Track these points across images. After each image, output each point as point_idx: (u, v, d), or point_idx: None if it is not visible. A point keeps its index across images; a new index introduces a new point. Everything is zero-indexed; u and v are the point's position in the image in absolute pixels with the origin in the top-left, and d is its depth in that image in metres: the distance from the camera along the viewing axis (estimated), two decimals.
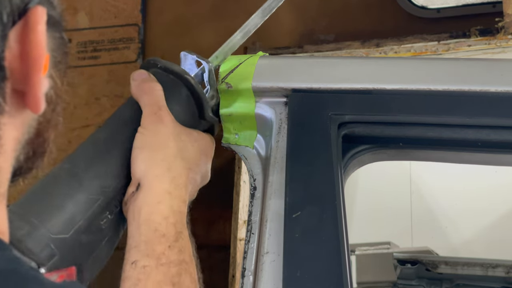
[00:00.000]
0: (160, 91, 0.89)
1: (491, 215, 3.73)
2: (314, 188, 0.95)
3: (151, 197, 0.83)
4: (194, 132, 0.91)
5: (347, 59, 1.59)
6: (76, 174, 0.84)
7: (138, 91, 0.90)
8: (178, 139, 0.87)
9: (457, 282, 2.54)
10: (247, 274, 0.94)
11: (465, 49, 2.41)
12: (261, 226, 0.96)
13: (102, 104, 2.98)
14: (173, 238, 0.81)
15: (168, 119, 0.88)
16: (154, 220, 0.82)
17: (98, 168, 0.85)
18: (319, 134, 0.98)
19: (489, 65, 1.08)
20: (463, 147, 1.03)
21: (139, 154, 0.85)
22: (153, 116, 0.87)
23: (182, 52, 0.98)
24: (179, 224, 0.83)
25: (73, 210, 0.81)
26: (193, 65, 0.97)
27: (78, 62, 3.03)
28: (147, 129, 0.87)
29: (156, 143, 0.86)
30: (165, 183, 0.84)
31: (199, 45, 2.84)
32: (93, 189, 0.84)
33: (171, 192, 0.84)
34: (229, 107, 1.03)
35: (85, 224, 0.81)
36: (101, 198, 0.84)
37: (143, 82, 0.90)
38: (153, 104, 0.88)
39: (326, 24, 2.77)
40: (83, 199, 0.82)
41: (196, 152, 0.89)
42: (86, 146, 0.89)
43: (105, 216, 0.84)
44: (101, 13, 3.06)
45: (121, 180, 0.86)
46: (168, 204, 0.83)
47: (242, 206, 2.50)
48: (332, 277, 0.88)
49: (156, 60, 0.94)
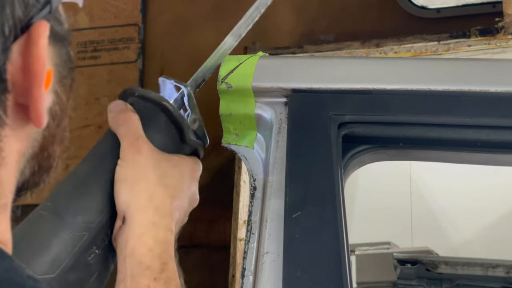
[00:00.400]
0: (136, 121, 0.88)
1: (491, 215, 3.73)
2: (314, 188, 0.95)
3: (136, 230, 0.83)
4: (175, 157, 0.90)
5: (347, 59, 1.59)
6: (57, 211, 0.83)
7: (114, 123, 0.89)
8: (158, 167, 0.87)
9: (457, 282, 2.54)
10: (247, 274, 0.94)
11: (465, 49, 2.41)
12: (261, 226, 0.96)
13: (102, 104, 2.98)
14: (158, 270, 0.81)
15: (146, 148, 0.87)
16: (139, 252, 0.81)
17: (81, 204, 0.84)
18: (319, 134, 0.98)
19: (489, 65, 1.08)
20: (463, 147, 1.03)
21: (120, 187, 0.85)
22: (130, 147, 0.86)
23: (160, 78, 0.97)
24: (164, 255, 0.82)
25: (58, 249, 0.80)
26: (172, 90, 0.95)
27: (78, 62, 3.03)
28: (125, 161, 0.86)
29: (136, 174, 0.85)
30: (149, 214, 0.83)
31: (199, 45, 2.84)
32: (77, 226, 0.82)
33: (155, 223, 0.83)
34: (229, 107, 1.03)
35: (71, 262, 0.81)
36: (86, 234, 0.82)
37: (119, 113, 0.89)
38: (130, 134, 0.87)
39: (326, 24, 2.77)
40: (67, 237, 0.81)
41: (178, 177, 0.88)
42: (67, 182, 0.88)
43: (92, 252, 0.83)
44: (101, 13, 3.06)
45: (105, 213, 0.85)
46: (152, 235, 0.82)
47: (242, 206, 2.50)
48: (332, 277, 0.88)
49: (132, 89, 0.93)
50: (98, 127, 2.96)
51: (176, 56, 2.92)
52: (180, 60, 2.90)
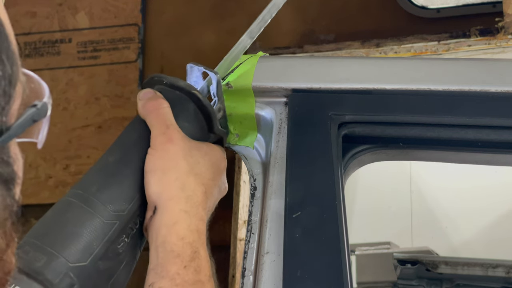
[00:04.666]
0: (167, 109, 0.88)
1: (491, 215, 3.73)
2: (314, 188, 0.95)
3: (167, 219, 0.82)
4: (204, 146, 0.90)
5: (347, 59, 1.59)
6: (89, 199, 0.83)
7: (144, 110, 0.89)
8: (189, 155, 0.86)
9: (457, 282, 2.54)
10: (247, 274, 0.94)
11: (465, 49, 2.42)
12: (261, 226, 0.96)
13: (102, 104, 2.98)
14: (189, 258, 0.81)
15: (177, 137, 0.86)
16: (170, 241, 0.81)
17: (111, 192, 0.84)
18: (319, 134, 0.98)
19: (489, 65, 1.08)
20: (463, 147, 1.03)
21: (151, 178, 0.84)
22: (161, 136, 0.86)
23: (189, 64, 0.97)
24: (196, 243, 0.82)
25: (89, 237, 0.80)
26: (199, 77, 0.95)
27: (78, 62, 3.03)
28: (156, 150, 0.86)
29: (167, 164, 0.85)
30: (181, 203, 0.83)
31: (199, 45, 2.84)
32: (108, 214, 0.82)
33: (187, 211, 0.83)
34: (229, 107, 1.03)
35: (102, 250, 0.81)
36: (117, 223, 0.83)
37: (149, 100, 0.89)
38: (160, 123, 0.87)
39: (326, 24, 2.77)
40: (98, 225, 0.81)
41: (208, 166, 0.88)
42: (96, 170, 0.88)
43: (122, 240, 0.83)
44: (101, 13, 3.06)
45: (135, 202, 0.85)
46: (184, 224, 0.82)
47: (242, 206, 2.50)
48: (332, 277, 0.88)
49: (161, 76, 0.92)
50: (98, 127, 2.95)
51: (176, 56, 2.92)
52: (180, 60, 2.89)
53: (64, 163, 2.95)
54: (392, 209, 3.84)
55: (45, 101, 0.56)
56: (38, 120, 0.55)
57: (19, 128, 0.53)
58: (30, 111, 0.54)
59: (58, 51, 3.06)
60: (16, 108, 0.54)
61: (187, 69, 0.97)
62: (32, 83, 0.56)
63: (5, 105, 0.52)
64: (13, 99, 0.53)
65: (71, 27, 3.07)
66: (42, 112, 0.55)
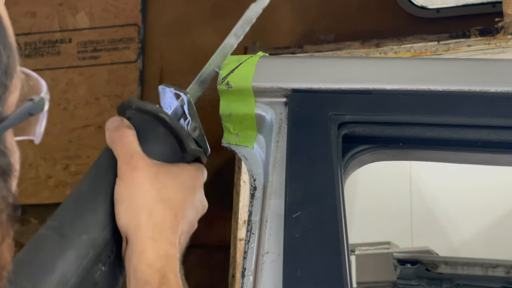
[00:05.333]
0: (130, 137, 0.88)
1: (491, 214, 3.73)
2: (314, 188, 0.95)
3: (136, 248, 0.83)
4: (174, 168, 0.89)
5: (347, 59, 1.59)
6: (62, 231, 0.83)
7: (110, 141, 0.89)
8: (156, 181, 0.86)
9: (457, 282, 2.54)
10: (247, 274, 0.94)
11: (465, 49, 2.42)
12: (261, 226, 0.96)
13: (102, 104, 2.98)
14: (157, 284, 0.81)
15: (142, 165, 0.86)
16: (140, 269, 0.82)
17: (84, 222, 0.84)
18: (319, 134, 0.98)
19: (489, 65, 1.08)
20: (463, 147, 1.03)
21: (119, 208, 0.85)
22: (126, 166, 0.86)
23: (160, 86, 0.96)
24: (164, 268, 0.82)
25: (63, 269, 0.80)
26: (172, 98, 0.95)
27: (78, 62, 3.04)
28: (122, 180, 0.86)
29: (133, 193, 0.85)
30: (148, 231, 0.83)
31: (199, 45, 2.84)
32: (82, 244, 0.82)
33: (155, 238, 0.83)
34: (229, 107, 1.03)
35: (78, 280, 0.81)
36: (91, 252, 0.83)
37: (114, 131, 0.89)
38: (125, 153, 0.87)
39: (326, 24, 2.78)
40: (72, 256, 0.81)
41: (179, 188, 0.88)
42: (70, 200, 0.88)
43: (98, 269, 0.83)
44: (101, 13, 3.06)
45: (109, 230, 0.85)
46: (152, 251, 0.83)
47: (242, 206, 2.50)
48: (332, 277, 0.88)
49: (130, 101, 0.92)
50: (98, 127, 2.96)
51: (176, 56, 2.92)
52: (180, 60, 2.90)
53: (64, 163, 2.95)
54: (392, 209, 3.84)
55: (42, 96, 0.57)
56: (34, 113, 0.56)
57: (15, 119, 0.54)
58: (27, 104, 0.55)
59: (58, 51, 3.06)
60: (13, 101, 0.55)
61: (159, 91, 0.96)
62: (30, 81, 0.57)
63: (1, 95, 0.53)
64: (10, 91, 0.54)
65: (71, 27, 3.08)
66: (39, 106, 0.56)
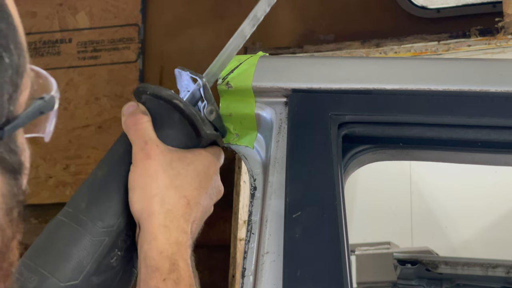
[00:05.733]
0: (146, 123, 0.89)
1: (491, 215, 3.73)
2: (314, 188, 0.95)
3: (148, 235, 0.84)
4: (189, 154, 0.90)
5: (347, 59, 1.59)
6: (77, 217, 0.84)
7: (125, 126, 0.90)
8: (169, 168, 0.87)
9: (457, 282, 2.54)
10: (247, 274, 0.94)
11: (465, 49, 2.42)
12: (261, 226, 0.96)
13: (102, 104, 2.98)
14: (167, 271, 0.82)
15: (156, 152, 0.87)
16: (150, 256, 0.83)
17: (99, 208, 0.85)
18: (319, 134, 0.98)
19: (489, 65, 1.08)
20: (463, 147, 1.03)
21: (133, 195, 0.86)
22: (140, 153, 0.87)
23: (176, 69, 0.96)
24: (175, 255, 0.83)
25: (79, 255, 0.82)
26: (189, 81, 0.95)
27: (78, 62, 3.04)
28: (137, 167, 0.87)
29: (147, 180, 0.86)
30: (160, 218, 0.84)
31: (199, 45, 2.84)
32: (97, 231, 0.84)
33: (167, 225, 0.84)
34: (229, 107, 1.03)
35: (94, 266, 0.82)
36: (107, 238, 0.84)
37: (129, 116, 0.90)
38: (139, 139, 0.87)
39: (326, 24, 2.78)
40: (88, 243, 0.83)
41: (192, 175, 0.88)
42: (85, 187, 0.89)
43: (114, 254, 0.84)
44: (101, 13, 3.06)
45: (124, 216, 0.86)
46: (163, 238, 0.83)
47: (242, 206, 2.50)
48: (332, 277, 0.88)
49: (145, 87, 0.92)
50: (98, 127, 2.96)
51: (176, 56, 2.92)
52: (180, 60, 2.89)
53: (64, 163, 2.95)
54: (392, 209, 3.84)
55: (53, 95, 0.57)
56: (45, 112, 0.56)
57: (26, 118, 0.55)
58: (38, 102, 0.56)
59: (58, 51, 3.06)
60: (24, 100, 0.55)
61: (175, 74, 0.96)
62: (40, 79, 0.58)
63: (13, 94, 0.53)
64: (20, 90, 0.54)
65: (71, 27, 3.08)
66: (50, 104, 0.57)
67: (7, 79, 0.52)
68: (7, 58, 0.52)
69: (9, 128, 0.53)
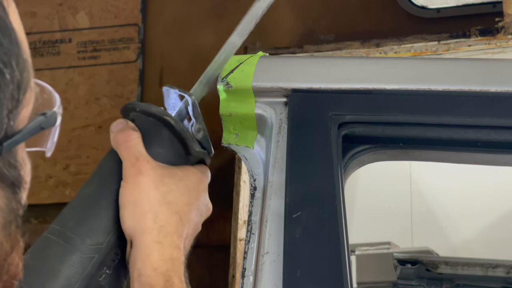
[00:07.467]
0: (136, 140, 0.88)
1: (491, 215, 3.73)
2: (314, 188, 0.95)
3: (141, 252, 0.83)
4: (179, 171, 0.89)
5: (347, 59, 1.59)
6: (66, 235, 0.83)
7: (115, 143, 0.89)
8: (161, 184, 0.86)
9: (457, 282, 2.54)
10: (247, 274, 0.94)
11: (465, 49, 2.42)
12: (261, 226, 0.96)
13: (102, 104, 2.98)
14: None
15: (147, 168, 0.86)
16: (145, 273, 0.82)
17: (88, 225, 0.84)
18: (319, 134, 0.98)
19: (489, 65, 1.08)
20: (463, 147, 1.03)
21: (124, 211, 0.85)
22: (131, 169, 0.86)
23: (164, 87, 0.95)
24: (169, 272, 0.82)
25: (67, 273, 0.80)
26: (177, 99, 0.94)
27: (78, 62, 3.04)
28: (128, 183, 0.86)
29: (139, 196, 0.85)
30: (153, 234, 0.84)
31: (199, 45, 2.84)
32: (86, 248, 0.83)
33: (160, 242, 0.83)
34: (229, 107, 1.03)
35: (82, 284, 0.81)
36: (96, 256, 0.83)
37: (118, 132, 0.89)
38: (130, 155, 0.87)
39: (326, 24, 2.77)
40: (76, 260, 0.81)
41: (183, 191, 0.88)
42: (73, 204, 0.88)
43: (103, 272, 0.83)
44: (101, 13, 3.06)
45: (113, 233, 0.85)
46: (158, 255, 0.83)
47: (242, 206, 2.50)
48: (332, 277, 0.88)
49: (134, 104, 0.92)
50: (98, 127, 2.96)
51: (176, 56, 2.92)
52: (180, 60, 2.90)
53: (64, 163, 2.95)
54: (392, 209, 3.83)
55: (55, 110, 0.57)
56: (46, 128, 0.57)
57: (27, 134, 0.55)
58: (39, 118, 0.56)
59: (58, 51, 3.06)
60: (26, 115, 0.55)
61: (163, 92, 0.95)
62: (44, 94, 0.58)
63: (13, 109, 0.53)
64: (22, 105, 0.54)
65: (71, 27, 3.08)
66: (51, 120, 0.57)
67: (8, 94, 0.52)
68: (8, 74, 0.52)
69: (8, 143, 0.53)
